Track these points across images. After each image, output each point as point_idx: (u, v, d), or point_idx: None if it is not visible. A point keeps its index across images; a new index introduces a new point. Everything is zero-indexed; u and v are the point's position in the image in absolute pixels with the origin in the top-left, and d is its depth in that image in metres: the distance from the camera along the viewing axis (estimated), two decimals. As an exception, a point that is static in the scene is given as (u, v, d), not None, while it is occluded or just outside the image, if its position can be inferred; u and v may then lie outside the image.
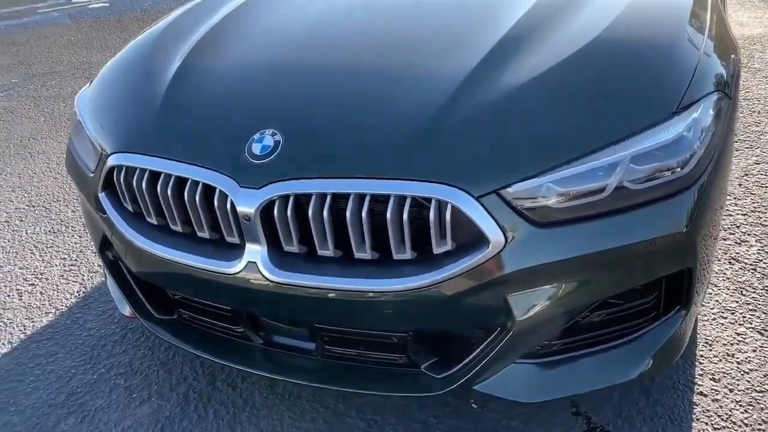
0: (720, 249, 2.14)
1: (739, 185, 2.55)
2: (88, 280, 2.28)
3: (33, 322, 2.07)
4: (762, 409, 1.52)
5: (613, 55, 1.38)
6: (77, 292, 2.22)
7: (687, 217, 1.24)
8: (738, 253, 2.12)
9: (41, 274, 2.35)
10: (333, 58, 1.50)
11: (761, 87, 3.60)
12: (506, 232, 1.17)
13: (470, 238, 1.18)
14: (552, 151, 1.21)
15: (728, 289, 1.94)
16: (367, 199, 1.19)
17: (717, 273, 2.02)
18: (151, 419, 1.64)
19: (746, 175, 2.63)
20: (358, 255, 1.23)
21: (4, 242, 2.59)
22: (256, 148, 1.28)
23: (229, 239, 1.32)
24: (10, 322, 2.08)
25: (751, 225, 2.27)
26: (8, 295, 2.22)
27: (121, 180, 1.44)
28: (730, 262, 2.07)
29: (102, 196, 1.51)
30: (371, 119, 1.28)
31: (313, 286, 1.25)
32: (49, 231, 2.66)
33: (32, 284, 2.28)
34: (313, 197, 1.22)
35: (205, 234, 1.35)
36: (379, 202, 1.20)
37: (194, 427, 1.60)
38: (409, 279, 1.20)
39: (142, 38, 1.88)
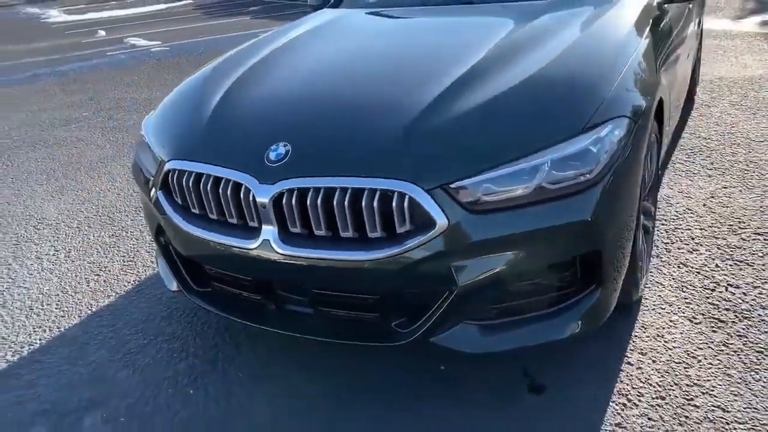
0: (673, 256, 2.49)
1: (704, 205, 2.89)
2: (143, 272, 2.77)
3: (98, 302, 2.56)
4: (675, 374, 1.86)
5: (542, 87, 1.80)
6: (133, 281, 2.71)
7: (592, 210, 1.64)
8: (688, 259, 2.46)
9: (105, 267, 2.85)
10: (330, 91, 1.98)
11: (747, 122, 3.93)
12: (449, 217, 1.58)
13: (423, 221, 1.60)
14: (487, 157, 1.62)
15: (671, 287, 2.29)
16: (349, 192, 1.63)
17: (665, 274, 2.37)
18: (187, 373, 2.08)
19: (712, 197, 2.96)
20: (343, 234, 1.67)
21: (76, 243, 3.12)
22: (272, 156, 1.74)
23: (250, 223, 1.77)
24: (80, 302, 2.57)
25: (705, 238, 2.61)
26: (78, 282, 2.73)
27: (174, 180, 1.92)
28: (678, 266, 2.42)
29: (160, 193, 1.99)
30: (354, 134, 1.73)
31: (310, 257, 1.69)
32: (112, 235, 3.18)
33: (97, 275, 2.78)
34: (311, 191, 1.66)
35: (233, 219, 1.80)
36: (358, 194, 1.64)
37: (220, 380, 2.03)
38: (378, 251, 1.62)
39: (196, 76, 2.40)
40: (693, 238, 2.61)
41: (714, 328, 2.05)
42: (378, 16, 2.92)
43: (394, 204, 1.60)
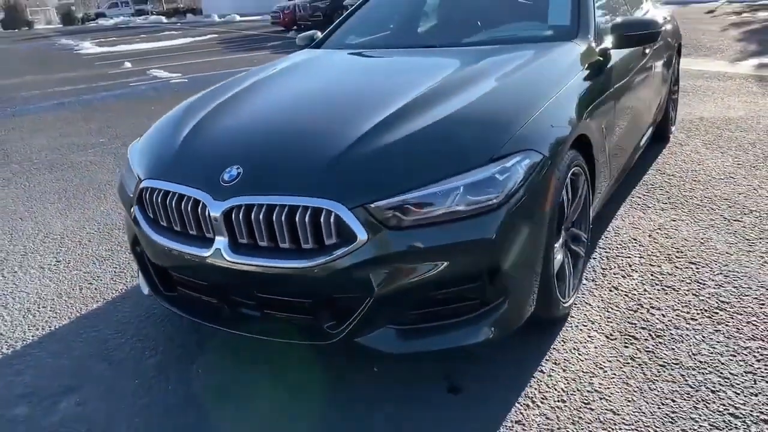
0: (607, 280, 2.70)
1: (649, 236, 3.11)
2: (130, 282, 3.06)
3: (87, 306, 2.85)
4: (580, 382, 2.07)
5: (460, 123, 2.08)
6: (121, 289, 3.00)
7: (496, 230, 1.88)
8: (620, 283, 2.68)
9: (98, 276, 3.15)
10: (280, 123, 2.29)
11: (713, 161, 4.15)
12: (368, 232, 1.84)
13: (347, 235, 1.86)
14: (404, 181, 1.89)
15: (598, 307, 2.51)
16: (286, 209, 1.90)
17: (596, 296, 2.59)
18: (157, 368, 2.34)
19: (659, 228, 3.18)
20: (281, 245, 1.93)
21: (76, 255, 3.43)
22: (226, 177, 2.03)
23: (206, 235, 2.05)
24: (72, 306, 2.86)
25: (642, 265, 2.82)
26: (72, 289, 3.03)
27: (147, 197, 2.21)
28: (609, 290, 2.63)
29: (136, 208, 2.29)
30: (294, 160, 2.02)
31: (254, 264, 1.95)
32: (108, 249, 3.49)
33: (90, 283, 3.08)
34: (255, 207, 1.94)
35: (193, 231, 2.08)
36: (294, 210, 1.91)
37: (183, 373, 2.29)
38: (309, 260, 1.88)
39: (176, 108, 2.72)
40: (630, 265, 2.82)
41: (626, 344, 2.26)
42: (346, 55, 3.24)
43: (322, 220, 1.87)
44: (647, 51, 3.53)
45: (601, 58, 2.85)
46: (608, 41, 2.93)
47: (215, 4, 40.08)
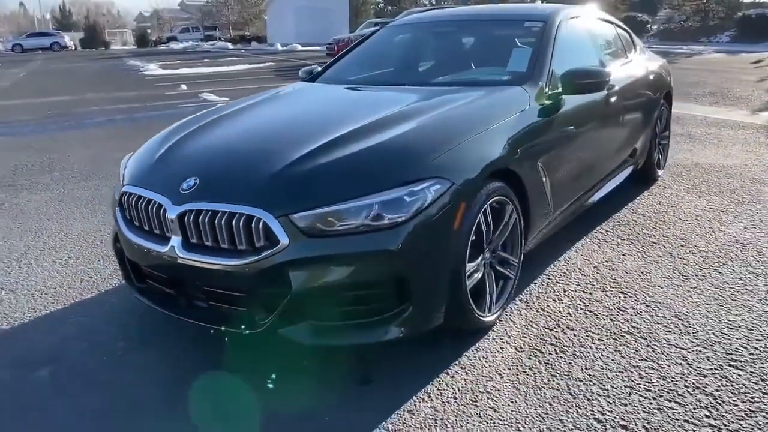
0: (538, 302, 2.95)
1: (594, 267, 3.33)
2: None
3: (83, 296, 3.28)
4: (476, 383, 2.33)
5: (385, 150, 2.41)
6: (116, 283, 3.42)
7: (399, 244, 2.20)
8: (548, 305, 2.92)
9: (99, 272, 3.59)
10: (238, 143, 2.69)
11: (688, 204, 4.34)
12: (290, 238, 2.19)
13: (273, 239, 2.21)
14: (324, 197, 2.23)
15: (520, 324, 2.76)
16: (226, 215, 2.27)
17: (522, 315, 2.84)
18: (125, 347, 2.73)
19: (607, 261, 3.41)
20: (221, 245, 2.30)
21: (86, 253, 3.89)
22: (184, 185, 2.42)
23: (166, 234, 2.44)
24: (70, 294, 3.29)
25: (575, 291, 3.06)
26: (74, 281, 3.47)
27: (125, 200, 2.63)
28: (537, 310, 2.88)
29: (117, 209, 2.71)
30: (238, 174, 2.39)
31: (200, 260, 2.32)
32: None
33: (90, 277, 3.52)
34: (203, 212, 2.32)
35: (156, 230, 2.48)
36: (232, 216, 2.27)
37: (146, 354, 2.66)
38: (242, 259, 2.24)
39: (165, 130, 3.15)
40: (565, 291, 3.07)
41: (530, 356, 2.51)
42: (326, 89, 3.63)
43: (253, 225, 2.23)
44: (612, 99, 3.78)
45: (549, 102, 3.14)
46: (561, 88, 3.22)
47: (279, 34, 41.72)
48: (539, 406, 2.19)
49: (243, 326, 2.36)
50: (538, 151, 2.95)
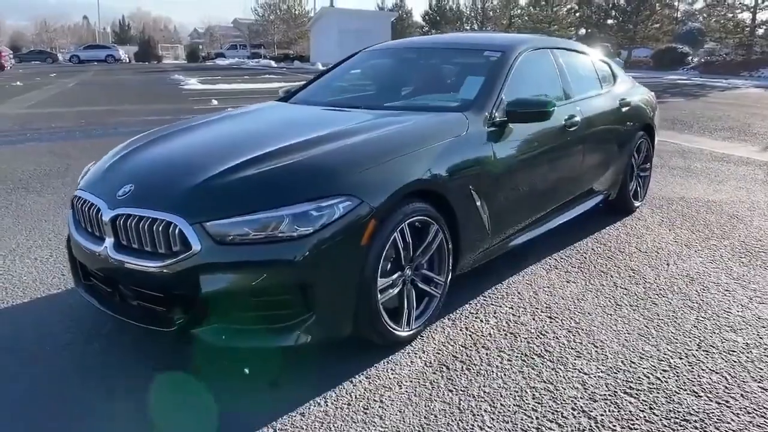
0: (465, 322, 3.05)
1: (534, 292, 3.41)
2: (93, 277, 3.71)
3: (50, 291, 3.51)
4: (374, 392, 2.45)
5: (302, 167, 2.58)
6: (82, 281, 3.64)
7: (302, 255, 2.35)
8: (473, 325, 3.02)
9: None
10: (178, 155, 2.89)
11: (654, 236, 4.37)
12: (202, 244, 2.36)
13: (186, 245, 2.39)
14: (236, 208, 2.40)
15: (438, 341, 2.86)
16: (149, 220, 2.46)
17: (445, 332, 2.94)
18: (72, 340, 2.94)
19: (549, 287, 3.48)
20: (145, 248, 2.49)
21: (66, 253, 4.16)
22: (120, 192, 2.63)
23: (102, 235, 2.65)
24: (39, 290, 3.53)
25: (505, 314, 3.14)
26: (47, 277, 3.72)
27: (75, 203, 2.86)
28: (461, 329, 2.98)
29: (69, 212, 2.94)
30: (165, 185, 2.58)
31: (127, 261, 2.52)
32: (93, 250, 4.19)
33: (63, 275, 3.76)
34: (131, 217, 2.52)
35: (96, 232, 2.69)
36: (153, 222, 2.46)
37: (98, 345, 2.86)
38: (160, 262, 2.42)
39: (125, 142, 3.38)
40: (495, 313, 3.16)
41: (435, 371, 2.61)
42: (288, 108, 3.84)
43: (171, 231, 2.41)
44: (572, 129, 3.87)
45: (492, 129, 3.26)
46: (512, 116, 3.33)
47: (322, 53, 42.57)
48: (424, 418, 2.29)
49: (160, 324, 2.54)
50: (472, 176, 3.06)
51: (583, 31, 46.02)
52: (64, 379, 2.59)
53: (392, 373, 2.60)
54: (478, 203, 3.11)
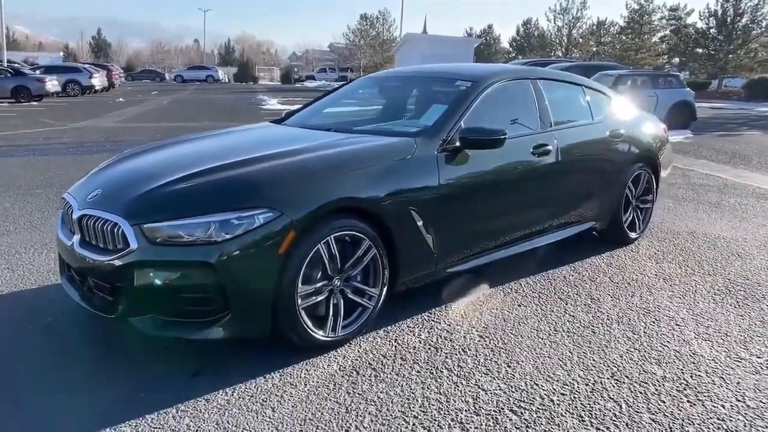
0: (399, 333, 3.22)
1: (480, 313, 3.53)
2: (95, 272, 4.18)
3: (52, 280, 3.99)
4: (286, 386, 2.68)
5: (235, 181, 2.88)
6: (85, 275, 4.11)
7: (217, 258, 2.64)
8: (404, 338, 3.19)
9: (80, 265, 4.31)
10: (144, 167, 3.27)
11: (638, 269, 4.35)
12: (138, 243, 2.71)
13: (126, 243, 2.74)
14: (171, 213, 2.73)
15: (363, 349, 3.05)
16: (102, 221, 2.84)
17: (372, 341, 3.13)
18: (56, 320, 3.36)
19: (502, 309, 3.58)
20: (99, 245, 2.87)
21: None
22: (90, 195, 3.04)
23: (73, 232, 3.06)
24: (47, 278, 4.02)
25: (443, 330, 3.29)
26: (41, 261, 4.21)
27: (63, 203, 3.30)
28: (389, 340, 3.15)
29: (59, 212, 3.39)
30: (123, 191, 2.96)
31: (87, 256, 2.91)
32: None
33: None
34: (91, 217, 2.91)
35: (71, 229, 3.10)
36: (106, 222, 2.83)
37: (75, 329, 3.27)
38: (107, 257, 2.79)
39: (118, 154, 3.82)
40: (430, 328, 3.30)
41: (345, 375, 2.80)
42: (272, 128, 4.19)
43: (116, 230, 2.78)
44: (544, 158, 3.96)
45: (444, 154, 3.43)
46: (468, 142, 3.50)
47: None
48: (312, 414, 2.50)
49: (108, 312, 2.90)
50: (413, 198, 3.24)
51: (676, 59, 44.38)
52: (35, 355, 3.00)
53: (304, 373, 2.82)
54: (420, 223, 3.28)
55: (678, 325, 3.41)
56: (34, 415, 2.49)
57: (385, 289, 3.21)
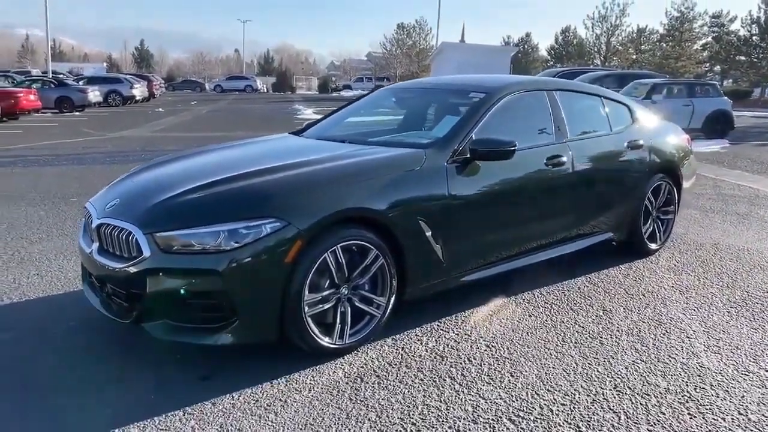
0: (407, 342, 3.27)
1: (485, 320, 3.56)
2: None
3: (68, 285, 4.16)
4: (281, 392, 2.76)
5: (246, 191, 2.99)
6: (110, 281, 4.28)
7: (226, 265, 2.74)
8: (411, 346, 3.24)
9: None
10: (161, 178, 3.40)
11: (655, 279, 4.30)
12: (151, 251, 2.83)
13: (140, 251, 2.87)
14: (183, 222, 2.85)
15: (369, 357, 3.11)
16: (118, 229, 2.98)
17: (378, 349, 3.19)
18: (78, 323, 3.52)
19: (505, 317, 3.60)
20: (115, 253, 3.01)
21: (111, 256, 4.85)
22: (108, 205, 3.18)
23: (93, 239, 3.20)
24: (74, 283, 4.20)
25: (447, 339, 3.32)
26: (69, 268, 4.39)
27: (84, 214, 3.46)
28: (396, 348, 3.21)
29: (81, 221, 3.55)
30: (138, 201, 3.09)
31: (105, 263, 3.04)
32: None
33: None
34: (109, 225, 3.05)
35: (91, 237, 3.25)
36: (122, 230, 2.97)
37: (92, 332, 3.42)
38: (123, 264, 2.92)
39: (141, 164, 3.98)
40: (438, 337, 3.34)
41: (350, 381, 2.86)
42: (290, 140, 4.30)
43: (131, 239, 2.91)
44: (556, 169, 3.97)
45: (455, 165, 3.48)
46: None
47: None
48: (313, 419, 2.57)
49: (122, 318, 3.03)
50: (421, 208, 3.30)
51: (718, 67, 43.40)
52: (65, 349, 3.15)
53: (310, 379, 2.89)
54: (429, 233, 3.33)
55: (688, 337, 3.38)
56: (47, 412, 2.62)
57: (393, 297, 3.27)
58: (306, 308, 2.93)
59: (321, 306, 3.01)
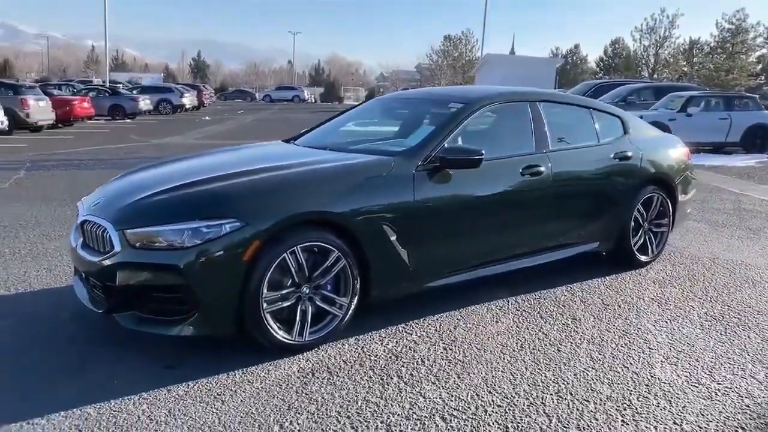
0: (369, 341, 3.39)
1: (455, 327, 3.64)
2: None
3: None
4: (238, 384, 2.92)
5: (211, 193, 3.18)
6: (110, 277, 4.55)
7: (185, 262, 2.93)
8: (371, 346, 3.36)
9: (110, 268, 4.77)
10: (144, 180, 3.62)
11: (638, 291, 4.30)
12: (122, 246, 3.05)
13: (112, 246, 3.09)
14: (150, 221, 3.06)
15: (329, 353, 3.24)
16: (96, 225, 3.21)
17: (339, 348, 3.32)
18: (72, 314, 3.78)
19: (474, 324, 3.68)
20: (94, 247, 3.24)
21: (117, 254, 5.14)
22: (93, 203, 3.43)
23: (78, 235, 3.45)
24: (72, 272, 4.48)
25: (409, 341, 3.43)
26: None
27: (76, 210, 3.73)
28: (357, 347, 3.34)
29: (75, 223, 3.82)
30: (117, 200, 3.33)
31: (85, 257, 3.29)
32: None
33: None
34: (89, 222, 3.29)
35: (78, 233, 3.51)
36: (99, 227, 3.20)
37: (85, 326, 3.67)
38: (98, 257, 3.15)
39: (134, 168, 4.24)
40: (399, 339, 3.45)
41: (301, 375, 3.00)
42: (280, 146, 4.48)
43: (105, 235, 3.14)
44: (533, 178, 4.03)
45: (423, 172, 3.59)
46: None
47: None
48: (255, 409, 2.72)
49: (97, 307, 3.26)
50: (386, 213, 3.42)
51: (763, 78, 41.88)
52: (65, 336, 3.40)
53: (264, 372, 3.05)
54: (393, 238, 3.45)
55: (650, 348, 3.38)
56: (18, 392, 2.85)
57: (355, 299, 3.40)
58: (265, 305, 3.09)
59: (280, 303, 3.16)
